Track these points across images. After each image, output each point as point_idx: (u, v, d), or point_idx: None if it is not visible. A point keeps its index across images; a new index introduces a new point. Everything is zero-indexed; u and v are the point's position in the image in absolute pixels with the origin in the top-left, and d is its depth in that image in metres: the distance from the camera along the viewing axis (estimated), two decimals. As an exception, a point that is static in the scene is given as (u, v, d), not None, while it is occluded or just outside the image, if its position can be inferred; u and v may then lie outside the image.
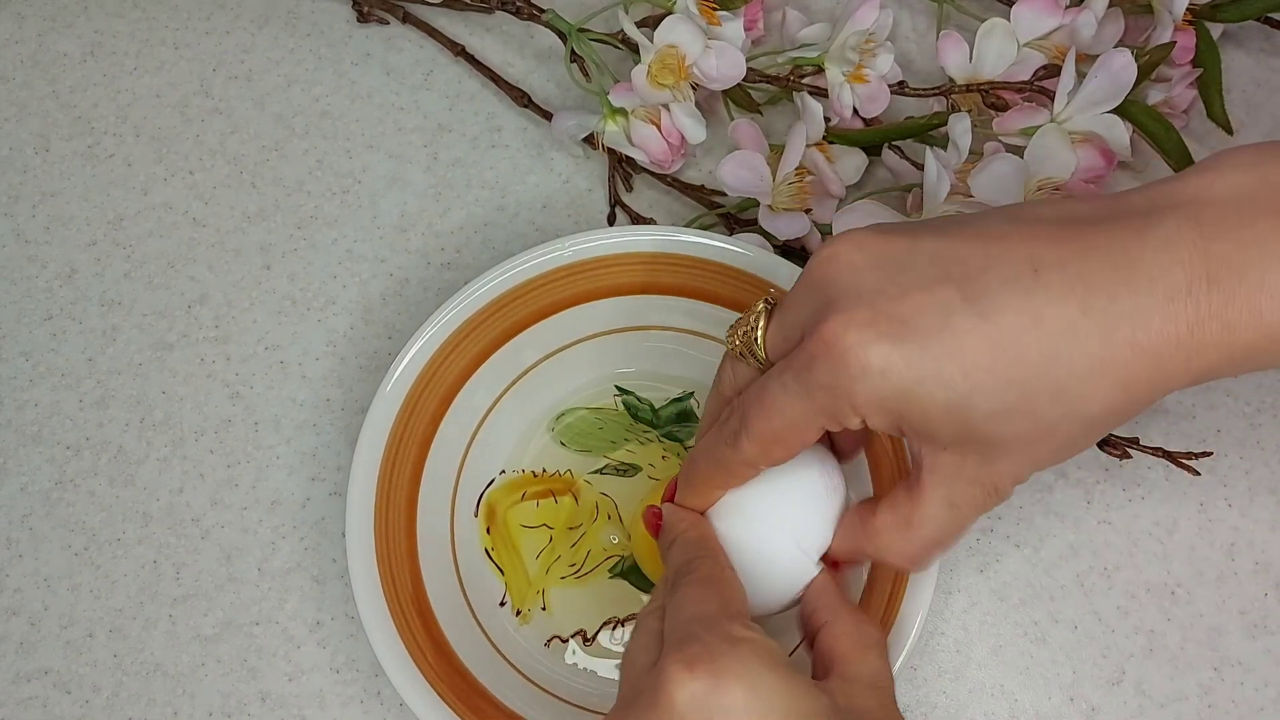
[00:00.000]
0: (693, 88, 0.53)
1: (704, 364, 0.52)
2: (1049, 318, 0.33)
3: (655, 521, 0.43)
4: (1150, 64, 0.51)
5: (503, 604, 0.50)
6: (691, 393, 0.53)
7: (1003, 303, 0.34)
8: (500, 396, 0.52)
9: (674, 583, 0.39)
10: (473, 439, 0.51)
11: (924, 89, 0.53)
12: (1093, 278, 0.33)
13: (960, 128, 0.50)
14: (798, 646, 0.45)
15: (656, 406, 0.53)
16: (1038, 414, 0.34)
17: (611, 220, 0.57)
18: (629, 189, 0.57)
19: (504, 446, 0.52)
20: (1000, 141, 0.52)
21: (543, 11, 0.56)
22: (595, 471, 0.52)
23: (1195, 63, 0.53)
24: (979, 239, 0.35)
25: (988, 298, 0.34)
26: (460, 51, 0.59)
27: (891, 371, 0.34)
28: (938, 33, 0.55)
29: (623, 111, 0.54)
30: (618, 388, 0.53)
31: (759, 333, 0.39)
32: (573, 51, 0.55)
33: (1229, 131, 0.54)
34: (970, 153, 0.50)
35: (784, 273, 0.49)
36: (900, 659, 0.45)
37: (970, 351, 0.34)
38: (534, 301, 0.51)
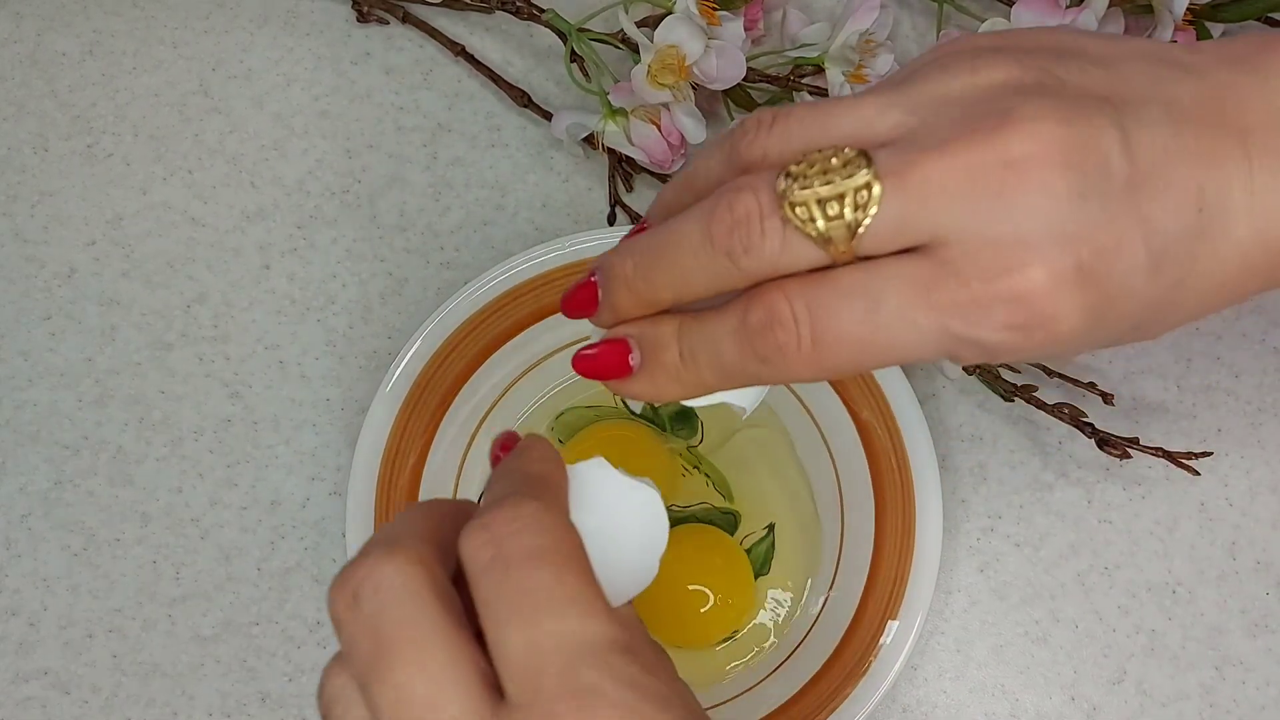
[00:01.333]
0: (693, 88, 0.53)
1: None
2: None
3: (504, 448, 0.33)
4: (1151, 63, 0.51)
5: None
6: None
7: (1179, 259, 0.30)
8: (501, 395, 0.52)
9: (506, 536, 0.27)
10: (473, 438, 0.51)
11: (924, 88, 0.53)
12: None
13: (961, 127, 0.50)
14: None
15: (657, 405, 0.53)
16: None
17: (612, 220, 0.57)
18: (629, 189, 0.57)
19: None
20: (1001, 141, 0.52)
21: (542, 11, 0.56)
22: None
23: (1195, 62, 0.53)
24: (1162, 153, 0.29)
25: (1167, 256, 0.29)
26: (460, 51, 0.59)
27: (1077, 341, 0.29)
28: (938, 32, 0.55)
29: (623, 111, 0.54)
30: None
31: (866, 218, 0.28)
32: (572, 51, 0.55)
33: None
34: (971, 152, 0.50)
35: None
36: (900, 659, 0.45)
37: (1137, 323, 0.30)
38: (535, 301, 0.51)
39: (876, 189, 0.28)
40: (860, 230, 0.29)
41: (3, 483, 0.54)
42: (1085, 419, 0.51)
